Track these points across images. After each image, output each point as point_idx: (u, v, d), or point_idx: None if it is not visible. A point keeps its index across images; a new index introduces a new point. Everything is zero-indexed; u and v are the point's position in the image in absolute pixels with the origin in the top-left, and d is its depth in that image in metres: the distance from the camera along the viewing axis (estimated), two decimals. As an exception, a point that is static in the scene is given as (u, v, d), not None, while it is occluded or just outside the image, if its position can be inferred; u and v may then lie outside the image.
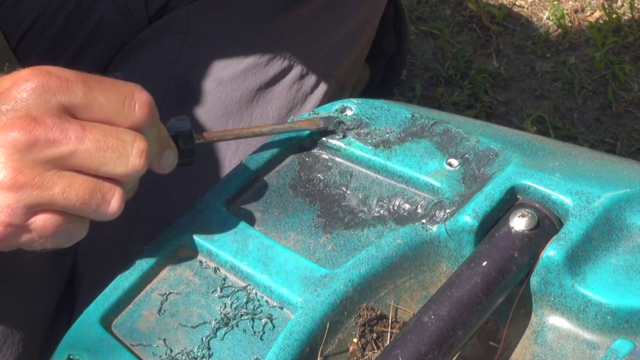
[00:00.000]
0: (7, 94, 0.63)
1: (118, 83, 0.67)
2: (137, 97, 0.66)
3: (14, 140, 0.62)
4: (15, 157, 0.62)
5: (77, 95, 0.64)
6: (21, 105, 0.63)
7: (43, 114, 0.63)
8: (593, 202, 0.70)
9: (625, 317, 0.66)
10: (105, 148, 0.64)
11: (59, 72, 0.65)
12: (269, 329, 0.70)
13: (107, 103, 0.65)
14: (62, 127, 0.63)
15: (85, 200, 0.64)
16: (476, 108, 1.82)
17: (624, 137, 1.77)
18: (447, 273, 0.72)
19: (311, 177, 0.81)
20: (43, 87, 0.63)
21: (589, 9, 1.98)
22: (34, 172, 0.62)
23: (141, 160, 0.65)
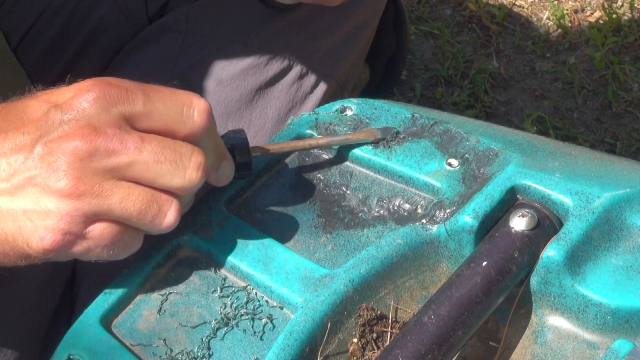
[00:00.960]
0: (68, 103, 0.64)
1: (176, 91, 0.67)
2: (195, 104, 0.67)
3: (75, 148, 0.63)
4: (76, 165, 0.63)
5: (137, 105, 0.65)
6: (83, 115, 0.64)
7: (104, 124, 0.64)
8: (593, 202, 0.70)
9: (625, 317, 0.66)
10: (162, 160, 0.65)
11: (119, 82, 0.66)
12: (269, 329, 0.70)
13: (166, 111, 0.66)
14: (121, 137, 0.64)
15: (142, 211, 0.65)
16: (476, 108, 1.82)
17: (624, 137, 1.77)
18: (447, 273, 0.72)
19: (311, 177, 0.81)
20: (104, 97, 0.64)
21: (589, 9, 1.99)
22: (93, 180, 0.63)
23: (198, 174, 0.66)
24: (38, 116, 0.64)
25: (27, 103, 0.66)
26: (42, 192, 0.63)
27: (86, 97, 0.64)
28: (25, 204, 0.63)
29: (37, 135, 0.63)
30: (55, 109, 0.64)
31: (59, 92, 0.66)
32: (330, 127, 0.82)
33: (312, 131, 0.82)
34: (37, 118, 0.64)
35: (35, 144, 0.63)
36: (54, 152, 0.63)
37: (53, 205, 0.63)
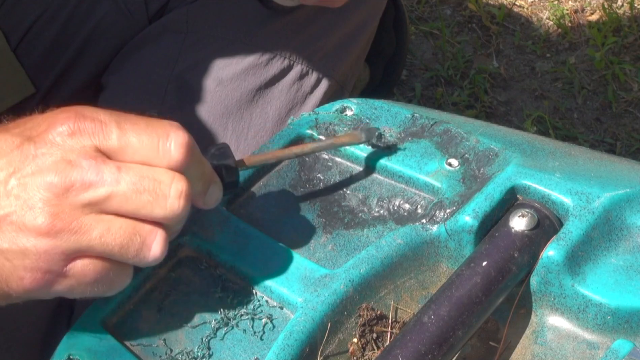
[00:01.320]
0: (42, 137, 0.62)
1: (153, 124, 0.64)
2: (172, 138, 0.63)
3: (50, 184, 0.60)
4: (53, 201, 0.60)
5: (111, 139, 0.62)
6: (57, 149, 0.61)
7: (78, 156, 0.61)
8: (593, 202, 0.70)
9: (625, 317, 0.66)
10: (141, 190, 0.62)
11: (94, 114, 0.63)
12: (269, 329, 0.70)
13: (140, 146, 0.63)
14: (97, 169, 0.61)
15: (124, 244, 0.62)
16: (476, 108, 1.82)
17: (624, 137, 1.77)
18: (447, 273, 0.72)
19: (311, 177, 0.81)
20: (78, 130, 0.62)
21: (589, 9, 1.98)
22: (71, 216, 0.60)
23: (180, 202, 0.63)
24: (10, 150, 0.62)
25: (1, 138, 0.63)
26: (18, 230, 0.60)
27: (60, 131, 0.62)
28: (1, 242, 0.61)
29: (10, 170, 0.61)
30: (28, 143, 0.62)
31: (32, 124, 0.64)
32: (330, 127, 0.82)
33: (312, 131, 0.82)
34: (10, 152, 0.62)
35: (8, 179, 0.61)
36: (29, 188, 0.60)
37: (30, 244, 0.60)
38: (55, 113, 0.64)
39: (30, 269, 0.61)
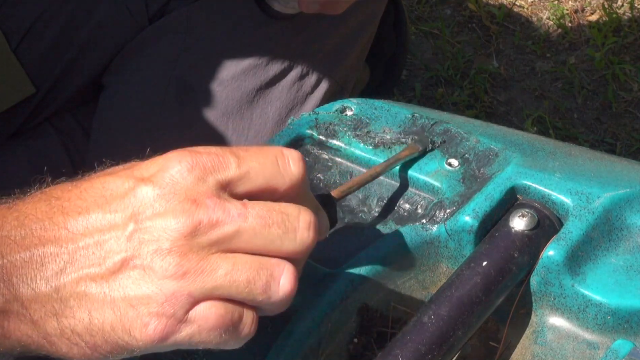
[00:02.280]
0: (158, 177, 0.58)
1: (264, 148, 0.62)
2: (287, 155, 0.61)
3: (177, 225, 0.57)
4: (179, 242, 0.57)
5: (231, 169, 0.59)
6: (178, 188, 0.58)
7: (202, 195, 0.58)
8: (593, 202, 0.70)
9: (625, 317, 0.66)
10: (270, 224, 0.59)
11: (206, 149, 0.60)
12: (269, 329, 0.70)
13: (262, 168, 0.60)
14: (223, 206, 0.58)
15: (251, 279, 0.58)
16: (476, 108, 1.82)
17: (624, 137, 1.78)
18: (447, 273, 0.72)
19: (311, 177, 0.81)
20: (197, 166, 0.59)
21: (589, 9, 1.99)
22: (198, 256, 0.57)
23: (310, 234, 0.60)
24: (124, 192, 0.58)
25: (106, 179, 0.60)
26: (142, 274, 0.57)
27: (178, 169, 0.58)
28: (124, 289, 0.57)
29: (129, 213, 0.58)
30: (144, 184, 0.58)
31: (141, 166, 0.60)
32: (331, 127, 0.82)
33: (312, 131, 0.82)
34: (124, 194, 0.58)
35: (127, 223, 0.58)
36: (153, 231, 0.57)
37: (156, 288, 0.57)
38: (167, 154, 0.60)
39: (156, 315, 0.57)
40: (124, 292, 0.57)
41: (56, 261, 0.58)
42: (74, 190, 0.60)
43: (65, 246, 0.58)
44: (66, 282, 0.57)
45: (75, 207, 0.59)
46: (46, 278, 0.57)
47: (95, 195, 0.59)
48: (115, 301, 0.57)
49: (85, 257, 0.58)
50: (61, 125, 1.12)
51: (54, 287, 0.57)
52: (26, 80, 1.08)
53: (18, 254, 0.58)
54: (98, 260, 0.57)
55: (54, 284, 0.57)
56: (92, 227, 0.58)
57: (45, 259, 0.58)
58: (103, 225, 0.58)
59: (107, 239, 0.58)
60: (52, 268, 0.58)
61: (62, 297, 0.57)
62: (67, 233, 0.58)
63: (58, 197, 0.59)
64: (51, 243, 0.58)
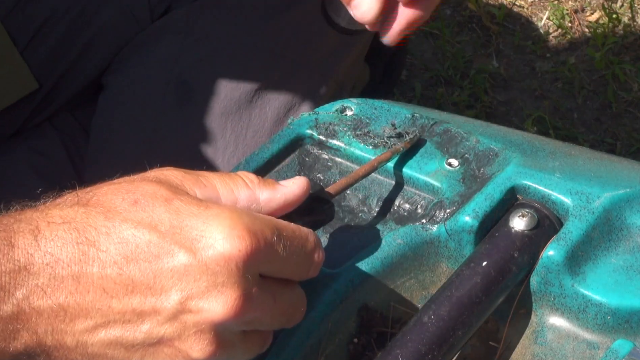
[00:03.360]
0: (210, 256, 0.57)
1: (303, 238, 0.62)
2: (315, 260, 0.63)
3: (225, 318, 0.57)
4: (220, 333, 0.58)
5: (276, 264, 0.60)
6: (230, 278, 0.57)
7: (249, 287, 0.58)
8: (593, 202, 0.70)
9: (625, 317, 0.66)
10: (281, 314, 0.62)
11: (262, 231, 0.59)
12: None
13: (295, 270, 0.62)
14: (263, 303, 0.59)
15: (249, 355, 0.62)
16: (476, 108, 1.82)
17: (624, 137, 1.78)
18: (447, 273, 0.72)
19: (311, 177, 0.81)
20: (253, 255, 0.58)
21: (589, 9, 1.99)
22: (228, 342, 0.59)
23: (300, 318, 0.64)
24: (174, 267, 0.57)
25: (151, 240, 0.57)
26: (177, 354, 0.58)
27: (234, 254, 0.57)
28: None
29: (179, 298, 0.57)
30: (195, 261, 0.57)
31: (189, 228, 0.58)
32: (330, 127, 0.82)
33: (312, 131, 0.82)
34: (174, 270, 0.57)
35: (172, 302, 0.57)
36: (200, 324, 0.57)
37: None
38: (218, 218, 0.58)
39: None
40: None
41: (87, 319, 0.56)
42: (111, 236, 0.57)
43: (100, 308, 0.56)
44: (94, 342, 0.57)
45: (114, 263, 0.56)
46: (73, 333, 0.57)
47: (138, 256, 0.57)
48: None
49: (121, 324, 0.57)
50: (61, 125, 1.12)
51: (81, 343, 0.57)
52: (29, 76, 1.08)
53: (45, 302, 0.56)
54: (134, 331, 0.57)
55: (82, 340, 0.57)
56: (132, 299, 0.57)
57: (77, 314, 0.56)
58: (144, 302, 0.57)
59: (147, 313, 0.57)
60: (82, 325, 0.57)
61: (87, 353, 0.57)
62: (104, 295, 0.56)
63: (93, 243, 0.56)
64: (84, 301, 0.56)
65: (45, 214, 0.58)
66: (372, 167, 0.75)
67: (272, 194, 0.64)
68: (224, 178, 0.63)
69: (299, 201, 0.66)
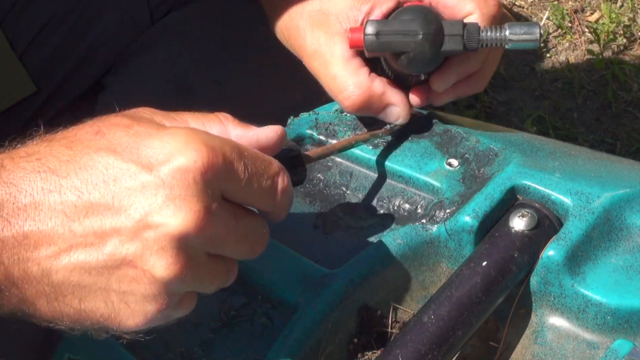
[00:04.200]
0: (168, 172, 0.57)
1: (266, 162, 0.61)
2: (281, 184, 0.62)
3: (186, 235, 0.57)
4: (183, 251, 0.57)
5: (238, 183, 0.60)
6: (187, 190, 0.57)
7: (210, 204, 0.58)
8: (593, 202, 0.70)
9: (625, 317, 0.66)
10: (244, 239, 0.61)
11: (221, 147, 0.59)
12: (269, 328, 0.70)
13: (258, 191, 0.61)
14: (226, 222, 0.59)
15: (218, 283, 0.62)
16: (476, 108, 1.82)
17: (624, 137, 1.78)
18: (447, 273, 0.72)
19: (311, 177, 0.81)
20: (210, 170, 0.57)
21: (589, 9, 1.99)
22: (194, 262, 0.59)
23: (262, 249, 0.63)
24: (129, 187, 0.57)
25: (109, 162, 0.57)
26: (141, 274, 0.57)
27: (191, 167, 0.57)
28: (119, 284, 0.57)
29: (134, 213, 0.57)
30: (153, 180, 0.57)
31: (148, 147, 0.58)
32: (330, 127, 0.82)
33: (312, 131, 0.82)
34: (129, 190, 0.57)
35: (132, 222, 0.57)
36: (160, 239, 0.57)
37: (155, 290, 0.58)
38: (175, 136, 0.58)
39: (150, 312, 0.59)
40: (119, 287, 0.57)
41: (50, 246, 0.57)
42: (72, 163, 0.58)
43: (62, 233, 0.57)
44: (59, 269, 0.57)
45: (74, 188, 0.57)
46: (38, 261, 0.57)
47: (97, 179, 0.57)
48: (109, 294, 0.58)
49: (83, 247, 0.57)
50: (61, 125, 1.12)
51: (46, 271, 0.57)
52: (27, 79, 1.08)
53: (9, 231, 0.57)
54: (96, 253, 0.57)
55: (46, 267, 0.57)
56: (93, 221, 0.57)
57: (39, 241, 0.57)
58: (104, 222, 0.57)
59: (108, 234, 0.57)
60: (45, 252, 0.57)
61: (53, 282, 0.57)
62: (65, 219, 0.57)
63: (54, 171, 0.57)
64: (46, 227, 0.57)
65: (11, 152, 0.60)
66: (349, 144, 0.77)
67: (245, 131, 0.64)
68: (197, 115, 0.64)
69: (272, 146, 0.65)
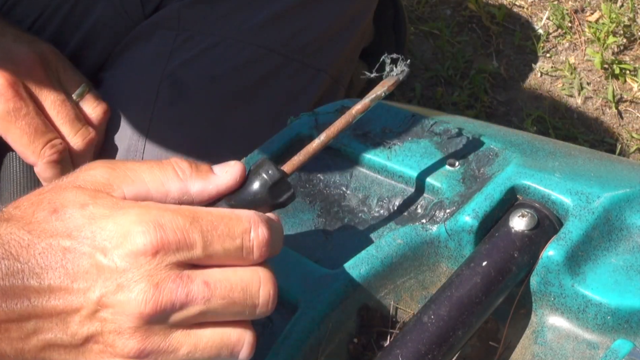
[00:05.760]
0: (122, 254, 0.58)
1: (232, 221, 0.61)
2: (254, 240, 0.61)
3: (140, 313, 0.58)
4: (143, 327, 0.58)
5: (196, 251, 0.60)
6: (141, 270, 0.58)
7: (166, 278, 0.59)
8: (593, 202, 0.70)
9: (625, 317, 0.66)
10: (232, 303, 0.60)
11: (172, 221, 0.59)
12: (269, 329, 0.70)
13: (225, 254, 0.61)
14: (187, 289, 0.59)
15: (213, 356, 0.61)
16: (476, 108, 1.82)
17: (624, 137, 1.78)
18: (447, 273, 0.72)
19: (311, 177, 0.81)
20: (162, 248, 0.59)
21: (589, 9, 1.98)
22: (160, 338, 0.59)
23: (270, 307, 0.62)
24: (85, 270, 0.59)
25: (66, 248, 0.59)
26: (105, 351, 0.59)
27: (142, 249, 0.58)
28: (89, 358, 0.60)
29: (91, 294, 0.58)
30: (107, 262, 0.58)
31: (102, 232, 0.59)
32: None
33: (312, 131, 0.82)
34: (85, 273, 0.59)
35: (90, 302, 0.58)
36: (116, 314, 0.58)
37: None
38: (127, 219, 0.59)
39: None
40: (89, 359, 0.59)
41: (19, 328, 0.59)
42: (31, 248, 0.59)
43: (27, 316, 0.59)
44: (30, 348, 0.59)
45: (35, 275, 0.59)
46: (9, 342, 0.59)
47: (54, 264, 0.59)
48: None
49: (48, 328, 0.59)
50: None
51: (18, 350, 0.59)
52: None
53: None
54: (61, 334, 0.59)
55: (18, 347, 0.59)
56: (54, 303, 0.59)
57: (9, 325, 0.59)
58: (66, 304, 0.59)
59: (70, 314, 0.59)
60: (15, 334, 0.59)
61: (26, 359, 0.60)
62: (29, 304, 0.59)
63: (16, 257, 0.59)
64: (12, 311, 0.58)
65: None
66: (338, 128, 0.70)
67: (205, 184, 0.64)
68: (154, 170, 0.64)
69: (233, 188, 0.65)
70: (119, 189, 0.62)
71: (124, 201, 0.61)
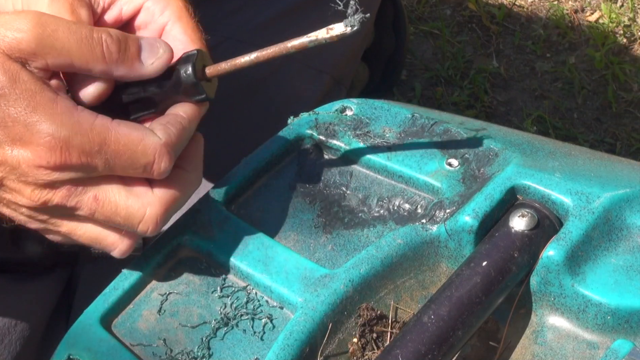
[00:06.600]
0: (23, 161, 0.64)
1: (137, 153, 0.66)
2: (154, 171, 0.67)
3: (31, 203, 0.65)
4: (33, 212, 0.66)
5: (95, 173, 0.65)
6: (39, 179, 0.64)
7: (59, 186, 0.65)
8: (593, 202, 0.70)
9: (625, 317, 0.66)
10: (113, 222, 0.67)
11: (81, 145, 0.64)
12: (269, 329, 0.70)
13: (124, 175, 0.67)
14: (77, 199, 0.66)
15: (88, 244, 0.69)
16: (476, 108, 1.82)
17: (624, 137, 1.78)
18: (447, 273, 0.72)
19: (311, 177, 0.81)
20: (62, 167, 0.64)
21: (589, 9, 1.99)
22: (43, 217, 0.67)
23: (148, 233, 0.68)
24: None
25: None
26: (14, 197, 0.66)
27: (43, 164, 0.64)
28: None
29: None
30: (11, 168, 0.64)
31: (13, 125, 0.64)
32: (330, 127, 0.82)
33: (312, 131, 0.82)
34: None
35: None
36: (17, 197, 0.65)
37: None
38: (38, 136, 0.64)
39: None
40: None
41: None
42: None
43: None
44: None
45: None
46: None
47: None
48: None
49: None
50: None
51: None
52: None
53: None
54: None
55: None
56: None
57: None
58: None
59: None
60: None
61: None
62: None
63: None
64: None
65: None
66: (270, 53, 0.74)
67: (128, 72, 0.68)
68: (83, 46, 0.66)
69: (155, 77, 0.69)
70: (42, 59, 0.64)
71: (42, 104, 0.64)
